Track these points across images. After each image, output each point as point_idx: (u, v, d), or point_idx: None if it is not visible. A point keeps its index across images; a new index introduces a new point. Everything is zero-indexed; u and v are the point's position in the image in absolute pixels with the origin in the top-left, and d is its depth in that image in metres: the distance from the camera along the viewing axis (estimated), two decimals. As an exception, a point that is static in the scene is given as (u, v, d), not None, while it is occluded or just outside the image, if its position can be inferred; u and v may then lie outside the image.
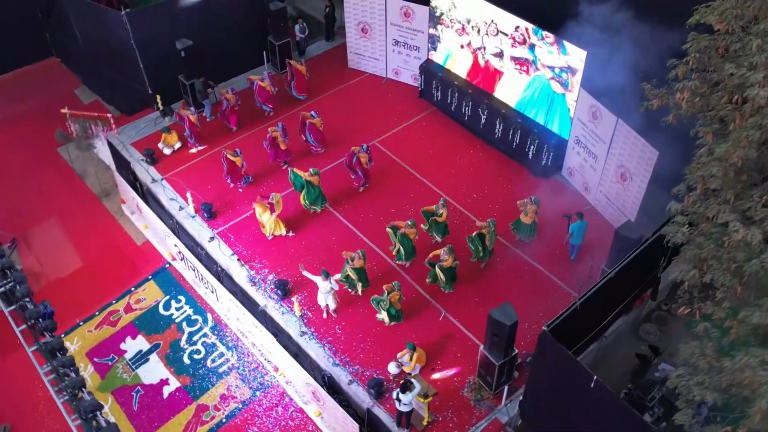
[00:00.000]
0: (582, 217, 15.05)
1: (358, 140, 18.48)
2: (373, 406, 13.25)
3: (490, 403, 13.23)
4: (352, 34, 20.37)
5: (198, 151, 18.60)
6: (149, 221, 17.62)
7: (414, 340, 14.10)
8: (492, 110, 18.07)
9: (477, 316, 14.66)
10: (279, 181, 17.65)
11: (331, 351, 14.16)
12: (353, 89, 20.66)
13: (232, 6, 19.57)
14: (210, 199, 17.19)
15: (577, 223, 14.97)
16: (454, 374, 13.67)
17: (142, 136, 19.11)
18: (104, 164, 20.24)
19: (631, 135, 14.90)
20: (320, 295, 14.31)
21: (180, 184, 17.73)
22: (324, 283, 14.08)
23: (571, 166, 17.29)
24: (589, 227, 15.48)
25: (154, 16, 18.50)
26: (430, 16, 18.77)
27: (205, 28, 19.16)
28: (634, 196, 15.36)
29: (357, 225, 16.63)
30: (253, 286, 15.37)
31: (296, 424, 14.21)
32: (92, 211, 19.21)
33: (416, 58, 19.90)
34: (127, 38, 18.32)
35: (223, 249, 16.14)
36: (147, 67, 18.94)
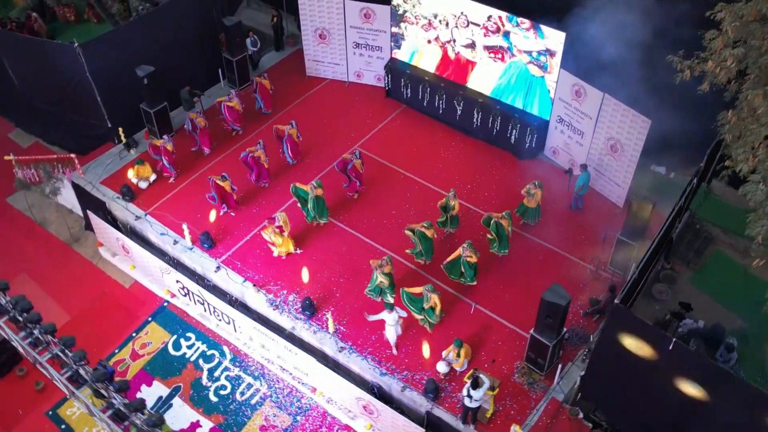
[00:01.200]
0: (585, 168, 15.72)
1: (336, 148, 18.36)
2: (432, 408, 13.19)
3: (544, 384, 13.51)
4: (309, 41, 20.05)
5: (175, 179, 17.71)
6: (139, 261, 16.65)
7: (450, 336, 14.17)
8: (468, 101, 18.34)
9: (505, 303, 14.94)
10: (269, 200, 17.19)
11: (374, 361, 13.96)
12: (317, 97, 20.35)
13: (182, 26, 18.74)
14: (203, 227, 16.45)
15: (585, 173, 15.65)
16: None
17: (110, 173, 17.98)
18: (65, 208, 18.96)
19: (620, 108, 15.58)
20: (389, 329, 13.83)
21: (167, 217, 16.86)
22: (390, 316, 13.69)
23: (554, 145, 17.86)
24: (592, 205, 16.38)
25: (108, 45, 17.42)
26: (391, 14, 18.76)
27: (157, 52, 18.26)
28: (627, 165, 16.09)
29: (362, 231, 16.46)
30: (275, 310, 14.88)
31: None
32: (64, 259, 17.98)
33: (379, 59, 19.86)
34: (81, 72, 17.17)
35: (232, 277, 15.52)
36: (105, 100, 17.82)
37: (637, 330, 10.83)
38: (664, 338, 10.54)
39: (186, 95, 18.77)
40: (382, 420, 13.62)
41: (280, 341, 14.43)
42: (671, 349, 10.46)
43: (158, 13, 18.04)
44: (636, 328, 10.84)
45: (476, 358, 14.01)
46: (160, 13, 18.04)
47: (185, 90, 18.82)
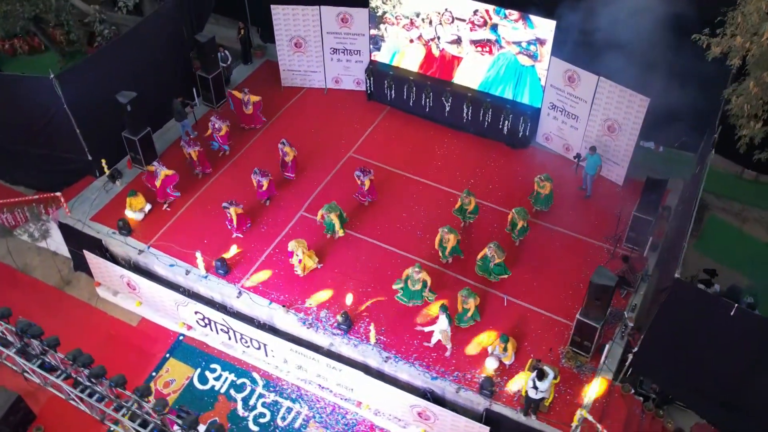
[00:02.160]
0: (595, 150, 16.12)
1: (330, 157, 18.13)
2: (491, 405, 13.21)
3: (591, 366, 13.77)
4: (284, 50, 19.61)
5: (170, 205, 16.97)
6: (149, 296, 15.85)
7: (492, 331, 14.26)
8: (456, 96, 18.43)
9: (535, 291, 15.14)
10: (274, 217, 16.81)
11: (423, 367, 13.84)
12: (297, 108, 19.94)
13: (154, 47, 17.90)
14: (213, 253, 15.82)
15: (596, 156, 16.05)
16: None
17: (98, 208, 17.00)
18: (48, 251, 17.82)
19: (616, 89, 16.06)
20: (442, 333, 13.83)
21: (171, 247, 16.10)
22: (443, 318, 13.68)
23: (547, 132, 18.20)
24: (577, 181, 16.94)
25: (85, 73, 16.45)
26: (369, 17, 18.60)
27: (132, 76, 17.42)
28: (626, 144, 16.60)
29: (378, 238, 16.28)
30: (310, 328, 14.50)
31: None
32: (59, 304, 16.90)
33: (358, 62, 19.66)
34: (58, 104, 16.13)
35: (257, 301, 15.01)
36: (84, 132, 16.81)
37: (698, 301, 11.19)
38: (727, 306, 10.93)
39: (179, 106, 18.13)
40: (439, 424, 13.52)
41: (321, 360, 14.06)
42: (733, 316, 10.86)
43: (130, 36, 17.15)
44: (697, 299, 11.20)
45: (520, 349, 14.11)
46: (131, 35, 17.16)
47: (178, 101, 18.18)
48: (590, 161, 16.25)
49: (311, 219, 16.63)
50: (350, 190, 17.18)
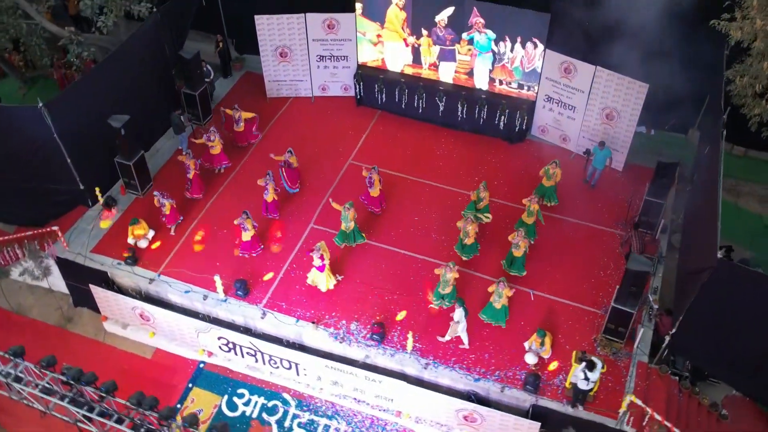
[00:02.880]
0: (604, 145, 16.29)
1: (330, 167, 17.78)
2: (537, 401, 13.26)
3: (626, 351, 13.99)
4: (269, 61, 19.18)
5: (175, 229, 16.37)
6: (164, 326, 15.25)
7: (524, 327, 14.33)
8: (450, 95, 18.41)
9: (558, 283, 15.28)
10: (283, 232, 16.42)
11: (464, 370, 13.77)
12: (287, 118, 19.54)
13: (139, 68, 17.17)
14: (229, 275, 15.34)
15: (606, 150, 16.18)
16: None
17: (97, 239, 16.24)
18: (41, 289, 16.94)
19: (614, 77, 16.37)
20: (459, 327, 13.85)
21: (183, 272, 15.53)
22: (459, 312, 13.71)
23: (543, 124, 18.40)
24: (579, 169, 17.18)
25: (73, 100, 15.66)
26: (357, 22, 18.39)
27: (120, 99, 16.72)
28: (625, 130, 16.95)
29: (394, 244, 16.12)
30: (342, 343, 14.23)
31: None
32: (63, 344, 16.10)
33: (345, 68, 19.41)
34: (47, 134, 15.30)
35: (283, 320, 14.62)
36: (75, 161, 16.00)
37: (741, 279, 11.50)
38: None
39: (177, 119, 17.62)
40: (486, 425, 13.49)
41: (359, 373, 13.81)
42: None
43: (114, 58, 16.37)
44: (741, 278, 11.51)
45: (553, 341, 14.19)
46: (116, 57, 16.39)
47: (176, 113, 17.67)
48: (599, 156, 16.38)
49: (323, 231, 16.35)
50: (356, 196, 16.91)
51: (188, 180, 16.82)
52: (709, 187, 13.24)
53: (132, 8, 17.63)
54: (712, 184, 12.91)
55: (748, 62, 13.84)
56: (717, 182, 12.75)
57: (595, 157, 16.45)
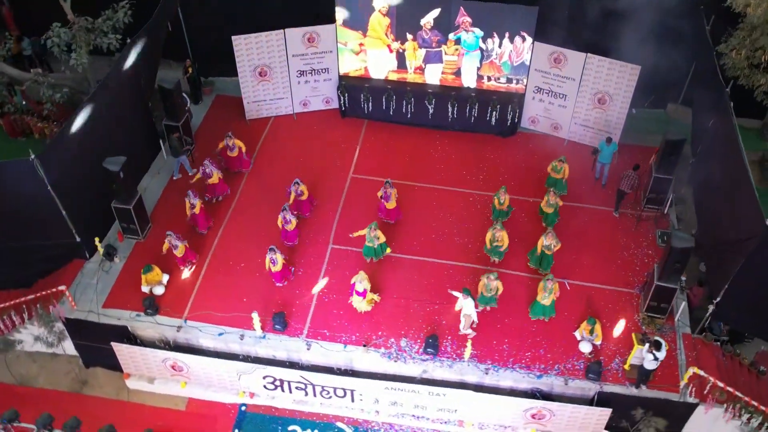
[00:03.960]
0: (611, 141, 16.57)
1: (332, 184, 17.36)
2: (601, 388, 13.47)
3: (669, 325, 14.44)
4: (248, 81, 18.44)
5: (191, 270, 15.48)
6: (200, 374, 14.42)
7: (567, 318, 14.52)
8: (440, 97, 18.35)
9: (588, 269, 15.54)
10: (305, 258, 15.86)
11: (524, 369, 13.78)
12: (273, 139, 18.86)
13: (119, 105, 16.03)
14: (259, 309, 14.65)
15: (612, 145, 16.48)
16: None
17: (105, 293, 15.12)
18: (44, 355, 15.66)
19: (605, 62, 16.81)
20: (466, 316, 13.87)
21: (211, 314, 14.71)
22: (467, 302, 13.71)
23: (533, 115, 18.68)
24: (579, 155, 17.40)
25: (63, 148, 14.42)
26: (337, 32, 17.99)
27: (105, 140, 15.65)
28: (618, 113, 17.47)
29: (420, 253, 15.90)
30: (397, 361, 13.92)
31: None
32: (81, 410, 14.63)
33: (326, 81, 18.96)
34: (40, 187, 14.04)
35: (330, 348, 14.14)
36: (69, 212, 14.79)
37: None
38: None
39: (174, 141, 16.96)
40: (555, 420, 13.58)
41: (421, 389, 13.56)
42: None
43: (97, 98, 15.14)
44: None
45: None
46: (99, 97, 15.18)
47: (174, 136, 16.97)
48: (606, 151, 16.55)
49: (344, 250, 15.93)
50: (367, 210, 16.62)
51: (193, 216, 15.92)
52: (730, 158, 13.78)
53: (100, 42, 16.45)
54: (735, 154, 13.46)
55: (739, 35, 14.52)
56: (740, 152, 13.30)
57: (602, 152, 16.60)
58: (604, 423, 13.43)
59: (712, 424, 13.72)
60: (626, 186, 16.03)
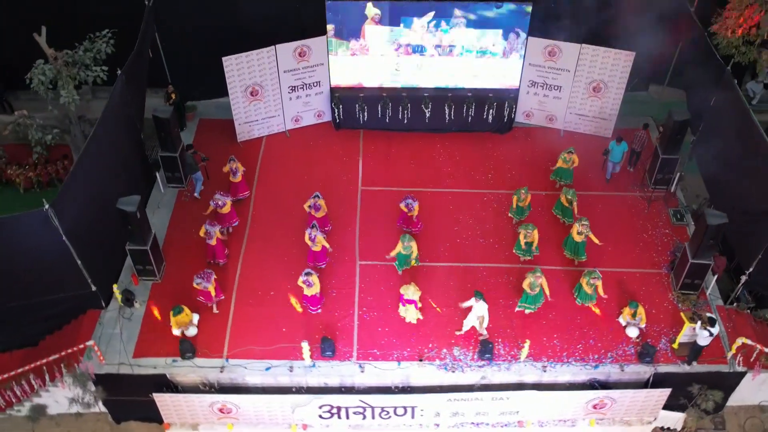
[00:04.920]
0: (621, 140, 16.77)
1: (344, 198, 17.00)
2: (656, 369, 13.76)
3: (702, 300, 14.91)
4: (239, 102, 17.77)
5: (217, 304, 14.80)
6: (250, 413, 13.78)
7: (608, 303, 14.76)
8: (436, 100, 18.27)
9: (615, 255, 15.82)
10: (336, 276, 15.42)
11: (579, 361, 13.91)
12: (270, 159, 18.25)
13: (116, 144, 15.16)
14: (301, 336, 14.16)
15: (622, 144, 16.70)
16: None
17: (133, 342, 14.22)
18: (66, 417, 14.66)
19: (600, 51, 17.19)
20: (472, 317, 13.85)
21: (252, 349, 14.09)
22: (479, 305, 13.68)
23: (528, 109, 18.88)
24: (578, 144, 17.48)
25: (72, 194, 13.41)
26: (328, 44, 17.59)
27: (110, 180, 14.79)
28: (613, 99, 17.90)
29: (450, 259, 15.77)
30: (454, 371, 13.77)
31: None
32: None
33: (318, 94, 18.53)
34: (53, 237, 13.05)
35: (384, 367, 13.83)
36: (84, 260, 13.83)
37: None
38: None
39: (189, 158, 16.49)
40: (615, 407, 13.77)
41: (485, 396, 13.46)
42: None
43: (97, 138, 14.16)
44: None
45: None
46: (99, 137, 14.21)
47: (189, 153, 16.66)
48: (616, 150, 16.68)
49: (372, 265, 15.63)
50: (386, 222, 16.39)
51: (210, 247, 15.21)
52: (744, 132, 14.33)
53: (85, 75, 15.44)
54: (749, 128, 14.03)
55: (732, 15, 15.15)
56: (756, 126, 13.90)
57: (613, 152, 16.69)
58: (662, 403, 13.70)
59: (758, 389, 14.26)
60: (637, 145, 16.86)
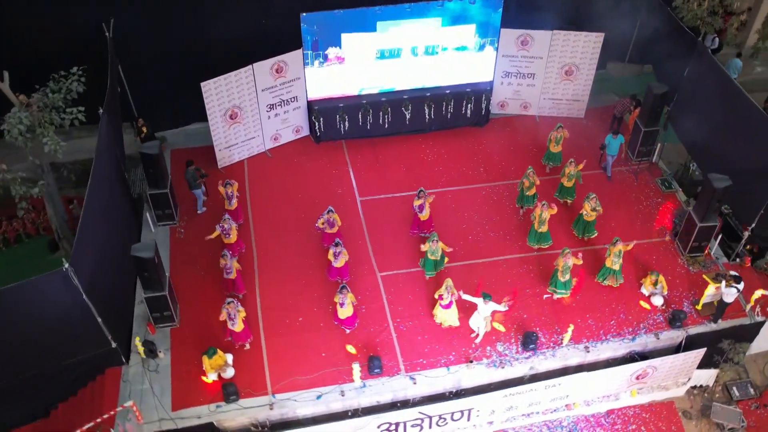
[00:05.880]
0: (617, 133, 17.13)
1: (345, 213, 16.54)
2: (687, 332, 14.40)
3: (709, 260, 15.73)
4: (218, 127, 17.03)
5: (250, 342, 14.17)
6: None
7: (627, 277, 15.28)
8: (415, 101, 18.24)
9: (617, 228, 16.28)
10: (361, 289, 15.05)
11: (616, 336, 14.32)
12: (257, 182, 17.57)
13: (109, 187, 14.25)
14: (345, 359, 13.83)
15: (619, 137, 17.05)
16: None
17: (168, 395, 13.37)
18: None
19: (570, 35, 17.73)
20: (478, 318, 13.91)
21: (295, 379, 13.60)
22: (486, 307, 13.70)
23: (502, 99, 19.21)
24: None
25: (85, 248, 12.40)
26: (304, 57, 17.18)
27: (111, 228, 13.91)
28: (585, 81, 18.54)
29: (466, 257, 15.79)
30: (503, 367, 13.86)
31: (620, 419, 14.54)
32: None
33: (296, 109, 18.08)
34: (73, 297, 12.08)
35: (434, 375, 13.72)
36: (103, 317, 12.88)
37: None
38: None
39: (190, 174, 16.01)
40: (655, 376, 14.29)
41: (539, 386, 13.62)
42: None
43: (95, 186, 13.14)
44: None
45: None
46: (98, 185, 13.21)
47: (190, 169, 16.07)
48: (613, 144, 16.98)
49: (393, 275, 15.48)
50: (395, 230, 16.28)
51: (230, 282, 14.54)
52: (727, 97, 15.20)
53: (60, 119, 14.33)
54: (733, 93, 14.93)
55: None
56: (739, 90, 14.82)
57: (610, 146, 16.89)
58: (697, 363, 14.35)
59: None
60: (618, 111, 17.76)
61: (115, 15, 16.27)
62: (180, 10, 16.65)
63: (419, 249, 14.96)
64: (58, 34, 16.02)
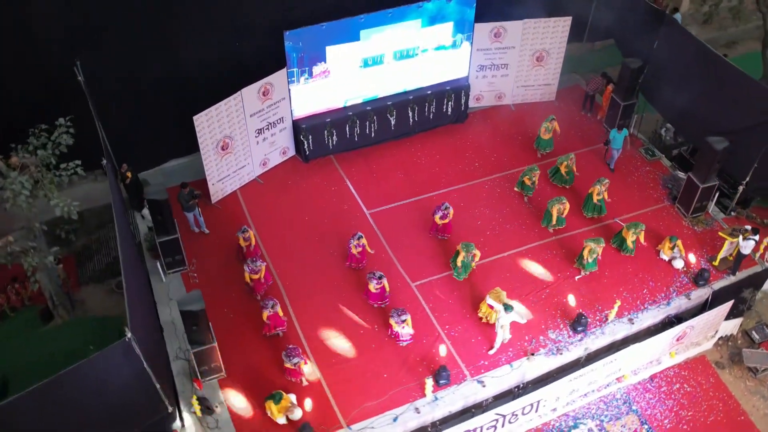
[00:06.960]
0: (622, 127, 17.62)
1: (346, 235, 16.12)
2: (713, 288, 15.23)
3: (710, 218, 16.71)
4: (211, 161, 16.18)
5: (307, 377, 13.64)
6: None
7: (643, 248, 15.96)
8: (399, 106, 18.12)
9: (618, 204, 16.97)
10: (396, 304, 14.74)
11: (653, 304, 14.92)
12: (257, 214, 16.69)
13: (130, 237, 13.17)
14: (408, 377, 13.62)
15: (624, 130, 17.46)
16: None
17: (236, 449, 12.64)
18: None
19: (540, 22, 18.20)
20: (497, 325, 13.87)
21: (366, 407, 13.22)
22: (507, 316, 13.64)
23: (477, 93, 19.44)
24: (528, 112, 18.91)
25: (133, 312, 11.39)
26: (289, 75, 16.64)
27: (137, 286, 12.97)
28: (555, 65, 19.13)
29: (490, 253, 15.88)
30: (560, 353, 14.12)
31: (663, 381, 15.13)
32: None
33: (282, 131, 17.48)
34: (133, 366, 11.14)
35: (498, 374, 13.78)
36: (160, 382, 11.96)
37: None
38: None
39: (183, 196, 15.32)
40: (691, 334, 15.03)
41: (597, 365, 13.98)
42: None
43: (122, 243, 12.10)
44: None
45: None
46: (122, 240, 12.19)
47: (184, 191, 15.32)
48: (618, 138, 17.29)
49: (427, 282, 15.39)
50: (415, 238, 16.19)
51: (272, 327, 13.95)
52: (707, 63, 16.15)
53: (59, 177, 13.15)
54: (710, 59, 15.92)
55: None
56: (716, 55, 15.82)
57: (614, 140, 17.16)
58: (724, 316, 15.22)
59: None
60: (591, 89, 18.50)
61: (81, 57, 14.98)
62: (147, 45, 15.57)
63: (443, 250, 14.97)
64: (23, 86, 14.59)
